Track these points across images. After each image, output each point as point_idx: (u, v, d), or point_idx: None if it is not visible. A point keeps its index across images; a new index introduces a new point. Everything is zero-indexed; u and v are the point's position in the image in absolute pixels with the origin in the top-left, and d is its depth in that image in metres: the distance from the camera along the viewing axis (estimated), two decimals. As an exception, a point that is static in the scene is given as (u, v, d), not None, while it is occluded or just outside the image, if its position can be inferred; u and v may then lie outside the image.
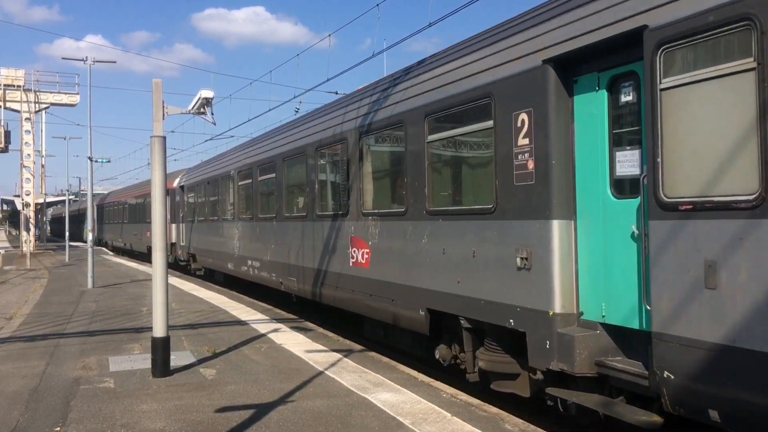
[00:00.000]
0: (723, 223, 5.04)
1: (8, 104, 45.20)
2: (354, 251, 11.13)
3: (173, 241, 29.04)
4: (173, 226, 28.79)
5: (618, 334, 6.49)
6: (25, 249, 42.03)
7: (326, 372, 9.25)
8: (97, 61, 26.50)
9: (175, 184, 28.72)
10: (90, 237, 24.23)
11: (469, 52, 8.32)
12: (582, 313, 6.73)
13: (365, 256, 10.74)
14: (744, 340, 4.87)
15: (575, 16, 6.57)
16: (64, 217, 40.76)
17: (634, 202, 6.16)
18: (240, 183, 18.69)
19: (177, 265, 28.77)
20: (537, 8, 7.44)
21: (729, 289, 4.99)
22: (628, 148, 6.34)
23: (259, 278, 17.12)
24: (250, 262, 17.65)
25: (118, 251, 46.08)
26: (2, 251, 40.92)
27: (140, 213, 37.60)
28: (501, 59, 7.56)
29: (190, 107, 10.48)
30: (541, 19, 7.14)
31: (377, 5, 13.96)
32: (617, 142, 6.45)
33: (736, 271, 4.94)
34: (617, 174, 6.43)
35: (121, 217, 44.80)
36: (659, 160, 5.59)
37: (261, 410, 7.41)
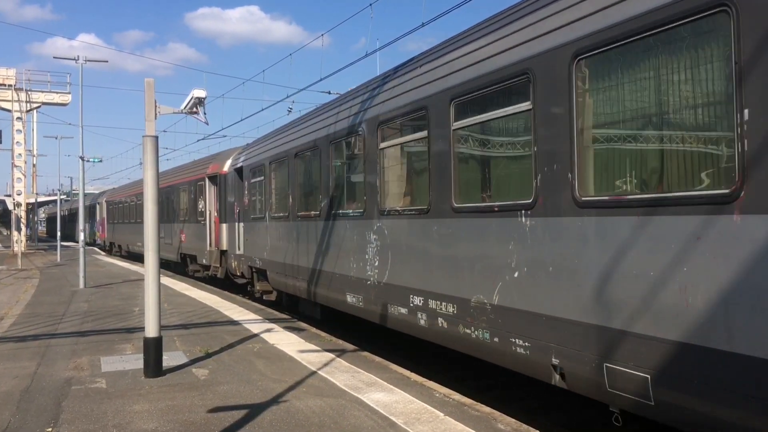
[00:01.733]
0: None
1: (-1, 103, 45.12)
2: None
3: (224, 248, 20.76)
4: (224, 226, 20.71)
5: None
6: (16, 249, 41.81)
7: (319, 372, 9.24)
8: (89, 61, 26.46)
9: (226, 167, 20.69)
10: (81, 237, 24.12)
11: None
12: None
13: None
14: None
15: None
16: (62, 216, 39.35)
17: None
18: (384, 145, 9.94)
19: (230, 282, 20.55)
20: None
21: None
22: None
23: (455, 341, 8.07)
24: (417, 301, 8.80)
25: (135, 258, 35.75)
26: (-7, 251, 40.73)
27: (170, 209, 28.29)
28: None
29: (182, 107, 10.45)
30: None
31: (370, 5, 14.02)
32: None
33: None
34: None
35: (141, 216, 35.85)
36: None
37: (254, 410, 7.39)
